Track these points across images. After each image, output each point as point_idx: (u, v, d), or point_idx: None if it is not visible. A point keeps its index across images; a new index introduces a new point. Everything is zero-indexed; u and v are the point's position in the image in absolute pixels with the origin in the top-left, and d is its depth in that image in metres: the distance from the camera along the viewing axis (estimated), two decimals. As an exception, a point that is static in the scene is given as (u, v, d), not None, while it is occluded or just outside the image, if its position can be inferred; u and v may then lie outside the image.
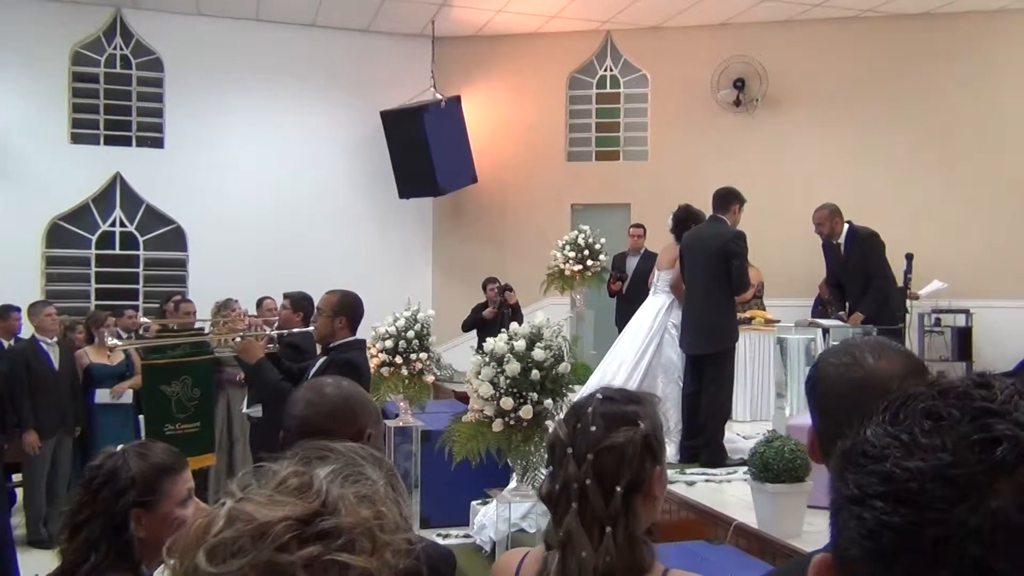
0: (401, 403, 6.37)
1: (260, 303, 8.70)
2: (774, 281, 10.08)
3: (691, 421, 6.52)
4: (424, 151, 11.10)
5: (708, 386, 6.45)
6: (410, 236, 12.22)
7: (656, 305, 7.15)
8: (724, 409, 6.63)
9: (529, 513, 4.64)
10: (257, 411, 6.20)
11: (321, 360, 4.73)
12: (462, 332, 10.53)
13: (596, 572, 1.60)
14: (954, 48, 10.87)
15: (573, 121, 12.30)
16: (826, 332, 7.19)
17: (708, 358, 6.50)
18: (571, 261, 9.64)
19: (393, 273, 11.40)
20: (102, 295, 11.15)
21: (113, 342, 7.01)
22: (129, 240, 11.41)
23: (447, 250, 12.35)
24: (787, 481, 4.34)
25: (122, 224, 11.37)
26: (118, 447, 2.15)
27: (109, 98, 11.38)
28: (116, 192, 11.31)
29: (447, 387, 9.36)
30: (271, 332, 6.04)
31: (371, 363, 5.69)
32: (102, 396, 7.70)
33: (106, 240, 11.34)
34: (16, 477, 7.81)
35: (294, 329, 6.25)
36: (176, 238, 11.52)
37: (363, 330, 5.01)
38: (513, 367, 4.10)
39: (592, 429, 1.68)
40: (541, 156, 12.07)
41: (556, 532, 1.67)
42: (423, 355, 6.16)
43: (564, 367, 4.25)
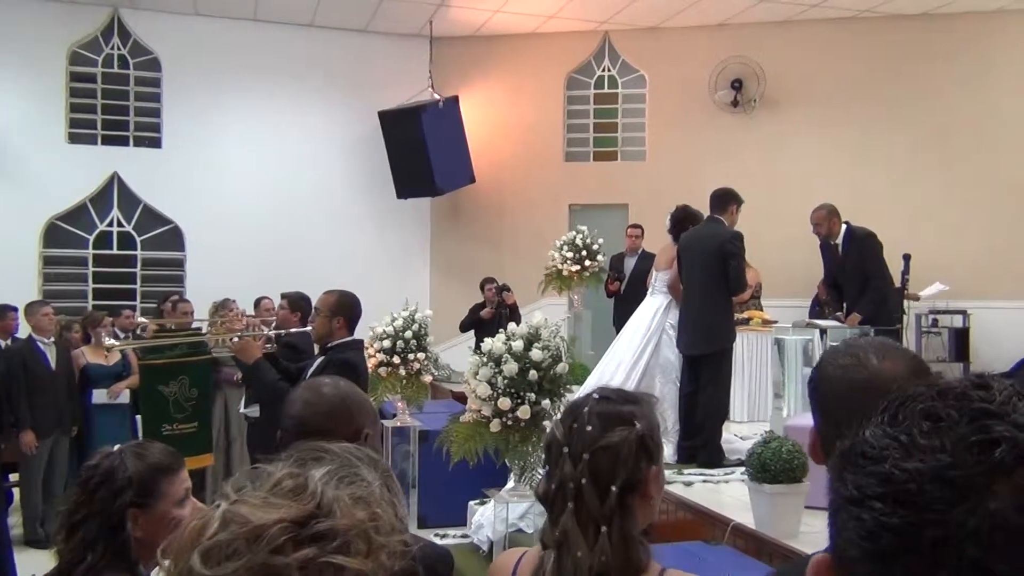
0: (399, 403, 6.38)
1: (258, 303, 8.70)
2: (772, 282, 10.08)
3: (688, 421, 6.52)
4: (422, 151, 11.09)
5: (705, 386, 6.45)
6: (408, 236, 12.22)
7: (654, 305, 7.16)
8: (722, 409, 6.63)
9: (527, 513, 4.64)
10: (255, 411, 6.20)
11: (319, 360, 4.73)
12: (460, 332, 10.53)
13: (591, 572, 1.60)
14: (952, 49, 10.88)
15: (571, 121, 12.30)
16: (823, 333, 7.20)
17: (705, 358, 6.50)
18: (569, 261, 9.64)
19: (391, 273, 11.39)
20: (99, 295, 11.14)
21: (110, 342, 7.01)
22: (126, 240, 11.40)
23: (445, 250, 12.34)
24: (784, 482, 4.34)
25: (119, 224, 11.36)
26: (115, 447, 2.15)
27: (107, 98, 11.37)
28: (114, 192, 11.30)
29: (445, 387, 9.37)
30: (269, 332, 6.04)
31: (369, 363, 5.69)
32: (99, 396, 7.69)
33: (103, 240, 11.32)
34: (13, 477, 7.80)
35: (292, 329, 6.24)
36: (174, 238, 11.51)
37: (361, 330, 5.01)
38: (511, 367, 4.11)
39: (588, 429, 1.68)
40: (539, 156, 12.07)
41: (552, 532, 1.68)
42: (421, 355, 6.17)
43: (562, 367, 4.26)
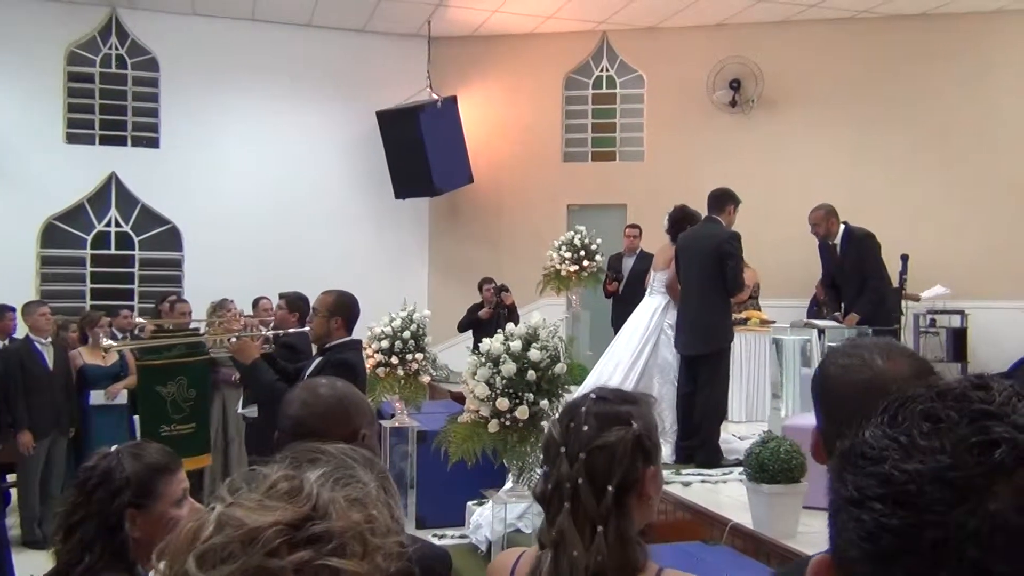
0: (397, 403, 6.38)
1: (256, 303, 8.70)
2: (770, 282, 10.08)
3: (686, 422, 6.52)
4: (420, 151, 11.08)
5: (703, 386, 6.45)
6: (406, 236, 12.21)
7: (652, 306, 7.16)
8: (720, 409, 6.63)
9: (525, 513, 4.64)
10: (253, 411, 6.19)
11: (317, 360, 4.72)
12: (458, 332, 10.53)
13: (587, 571, 1.60)
14: (951, 49, 10.88)
15: (569, 121, 12.30)
16: (821, 333, 7.21)
17: (703, 358, 6.51)
18: (567, 261, 9.64)
19: (389, 273, 11.38)
20: (97, 295, 11.13)
21: (108, 343, 7.00)
22: (124, 240, 11.39)
23: (443, 250, 12.34)
24: (783, 482, 4.34)
25: (117, 224, 11.35)
26: (112, 448, 2.15)
27: (104, 98, 11.36)
28: (111, 192, 11.29)
29: (443, 387, 9.37)
30: (267, 332, 6.04)
31: (367, 363, 5.69)
32: (96, 398, 7.67)
33: (101, 240, 11.32)
34: (10, 477, 7.79)
35: (290, 329, 6.24)
36: (171, 238, 11.50)
37: (359, 330, 5.00)
38: (509, 368, 4.11)
39: (584, 428, 1.68)
40: (537, 156, 12.07)
41: (549, 531, 1.68)
42: (419, 355, 6.17)
43: (560, 368, 4.26)
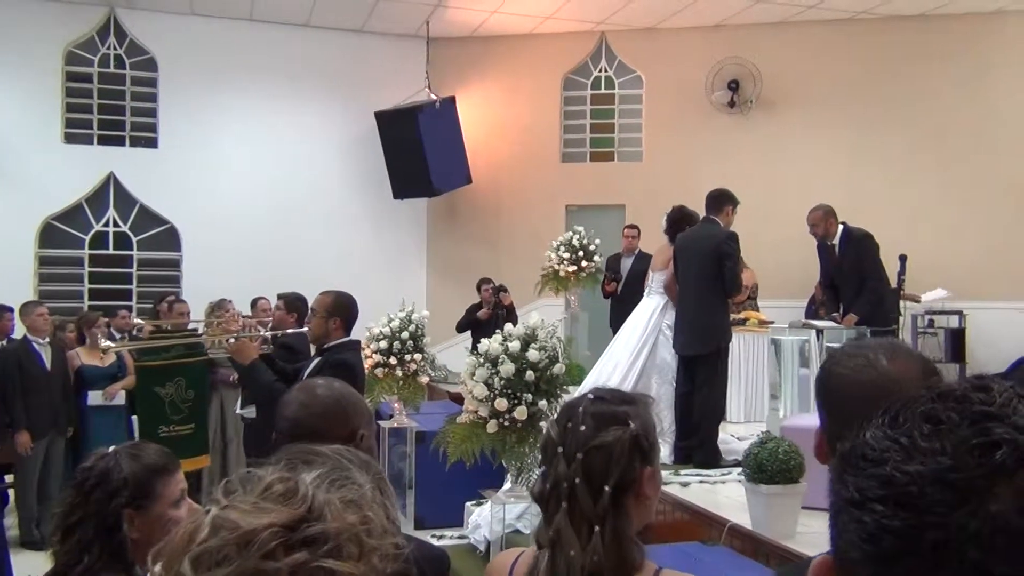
0: (395, 404, 6.38)
1: (254, 304, 8.70)
2: (768, 282, 10.09)
3: (685, 422, 6.52)
4: (418, 152, 11.08)
5: (701, 387, 6.45)
6: (404, 237, 12.21)
7: (650, 306, 7.16)
8: (718, 410, 6.63)
9: (524, 514, 4.64)
10: (251, 412, 6.19)
11: (315, 361, 4.72)
12: (456, 333, 10.52)
13: (584, 571, 1.61)
14: (950, 50, 10.89)
15: (567, 122, 12.30)
16: (820, 333, 7.21)
17: (701, 359, 6.51)
18: (565, 262, 9.64)
19: (387, 274, 11.38)
20: (95, 295, 11.12)
21: (106, 344, 6.99)
22: (123, 240, 11.38)
23: (441, 251, 12.34)
24: (781, 482, 4.34)
25: (116, 224, 11.34)
26: (110, 448, 2.14)
27: (103, 98, 11.35)
28: (110, 192, 11.28)
29: (441, 388, 9.37)
30: (265, 333, 6.04)
31: (365, 364, 5.69)
32: (94, 398, 7.66)
33: (99, 240, 11.30)
34: (8, 478, 7.78)
35: (288, 330, 6.23)
36: (170, 238, 11.49)
37: (357, 331, 5.00)
38: (508, 368, 4.11)
39: (582, 428, 1.68)
40: (535, 157, 12.07)
41: (546, 531, 1.68)
42: (417, 356, 6.17)
43: (558, 368, 4.26)
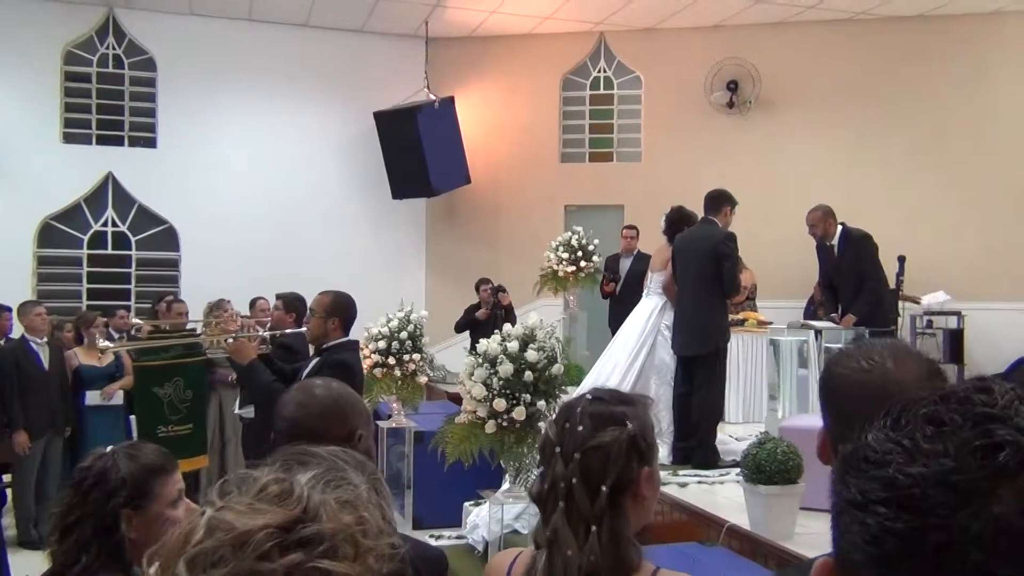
0: (394, 404, 6.39)
1: (253, 304, 8.69)
2: (767, 283, 10.09)
3: (683, 422, 6.52)
4: (417, 152, 11.08)
5: (700, 387, 6.45)
6: (403, 237, 12.21)
7: (649, 307, 7.16)
8: (716, 410, 6.63)
9: (522, 514, 4.64)
10: (249, 412, 6.19)
11: (314, 361, 4.72)
12: (455, 333, 10.52)
13: (581, 571, 1.61)
14: (949, 50, 10.89)
15: (566, 122, 12.30)
16: (819, 334, 7.21)
17: (699, 359, 6.50)
18: (564, 262, 9.63)
19: (386, 274, 11.38)
20: (94, 295, 11.11)
21: (105, 344, 6.98)
22: (121, 240, 11.37)
23: (440, 251, 12.34)
24: (780, 483, 4.34)
25: (114, 224, 11.33)
26: (107, 448, 2.14)
27: (101, 98, 11.34)
28: (108, 192, 11.27)
29: (440, 388, 9.36)
30: (264, 333, 6.04)
31: (364, 364, 5.69)
32: (92, 398, 7.64)
33: (98, 240, 11.29)
34: (6, 478, 7.78)
35: (287, 330, 6.23)
36: (168, 238, 11.49)
37: (356, 331, 5.00)
38: (506, 368, 4.11)
39: (579, 429, 1.69)
40: (534, 157, 12.07)
41: (544, 531, 1.69)
42: (416, 356, 6.18)
43: (557, 368, 4.26)
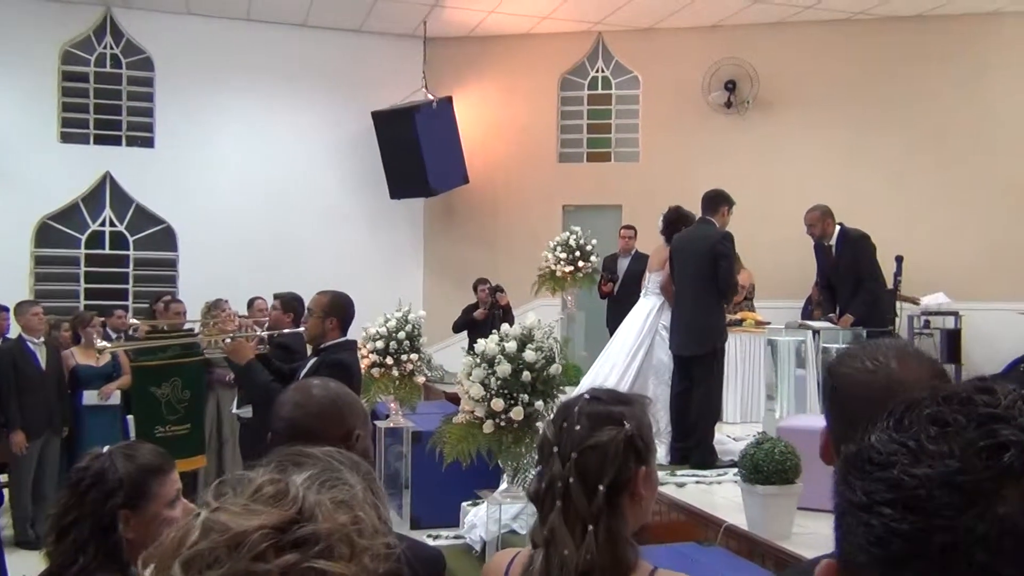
0: (392, 404, 6.37)
1: (251, 303, 8.69)
2: (765, 283, 10.08)
3: (681, 423, 6.51)
4: (415, 152, 11.08)
5: (697, 387, 6.45)
6: (401, 237, 12.20)
7: (647, 307, 7.16)
8: (714, 410, 6.62)
9: (520, 514, 4.63)
10: (247, 412, 6.19)
11: (312, 361, 4.71)
12: (453, 333, 10.52)
13: (577, 570, 1.61)
14: (947, 51, 10.90)
15: (564, 122, 12.30)
16: (816, 334, 7.21)
17: (697, 359, 6.49)
18: (562, 262, 9.62)
19: (384, 274, 11.38)
20: (91, 295, 11.10)
21: (102, 344, 6.97)
22: (119, 240, 11.36)
23: (438, 251, 12.33)
24: (777, 483, 4.34)
25: (112, 224, 11.32)
26: (104, 448, 2.13)
27: (99, 97, 11.32)
28: (106, 192, 11.26)
29: (438, 388, 9.34)
30: (261, 333, 6.04)
31: (362, 364, 5.68)
32: (89, 398, 7.64)
33: (96, 240, 11.28)
34: (2, 478, 7.77)
35: (284, 330, 6.23)
36: (166, 238, 11.47)
37: (354, 331, 4.99)
38: (504, 368, 4.10)
39: (577, 428, 1.69)
40: (532, 157, 12.06)
41: (541, 530, 1.69)
42: (414, 356, 6.16)
43: (555, 368, 4.25)
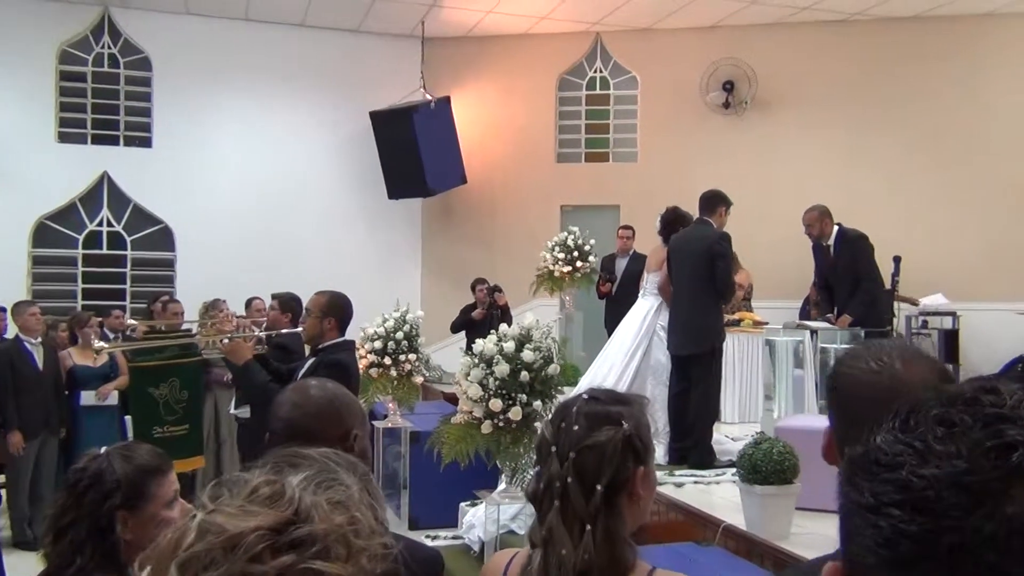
0: (390, 404, 6.37)
1: (248, 304, 8.68)
2: (763, 283, 10.09)
3: (679, 423, 6.51)
4: (413, 152, 11.08)
5: (695, 387, 6.45)
6: (399, 237, 12.20)
7: (645, 308, 7.16)
8: (712, 410, 6.63)
9: (518, 514, 4.63)
10: (245, 412, 6.18)
11: (310, 361, 4.71)
12: (451, 333, 10.51)
13: (575, 569, 1.61)
14: (945, 51, 10.90)
15: (563, 122, 12.30)
16: (814, 334, 7.21)
17: (695, 359, 6.50)
18: (560, 262, 9.63)
19: (382, 274, 11.38)
20: (89, 295, 11.08)
21: (100, 344, 6.96)
22: (116, 240, 11.34)
23: (436, 251, 12.33)
24: (775, 483, 4.34)
25: (109, 224, 11.30)
26: (102, 449, 2.13)
27: (97, 97, 11.31)
28: (103, 191, 11.24)
29: (436, 388, 9.34)
30: (259, 333, 6.03)
31: (360, 364, 5.68)
32: (87, 398, 7.63)
33: (93, 240, 11.26)
34: (0, 478, 7.76)
35: (282, 330, 6.22)
36: (164, 238, 11.46)
37: (352, 331, 4.99)
38: (502, 368, 4.10)
39: (575, 428, 1.69)
40: (530, 157, 12.06)
41: (539, 530, 1.69)
42: (412, 356, 6.17)
43: (553, 369, 4.25)
